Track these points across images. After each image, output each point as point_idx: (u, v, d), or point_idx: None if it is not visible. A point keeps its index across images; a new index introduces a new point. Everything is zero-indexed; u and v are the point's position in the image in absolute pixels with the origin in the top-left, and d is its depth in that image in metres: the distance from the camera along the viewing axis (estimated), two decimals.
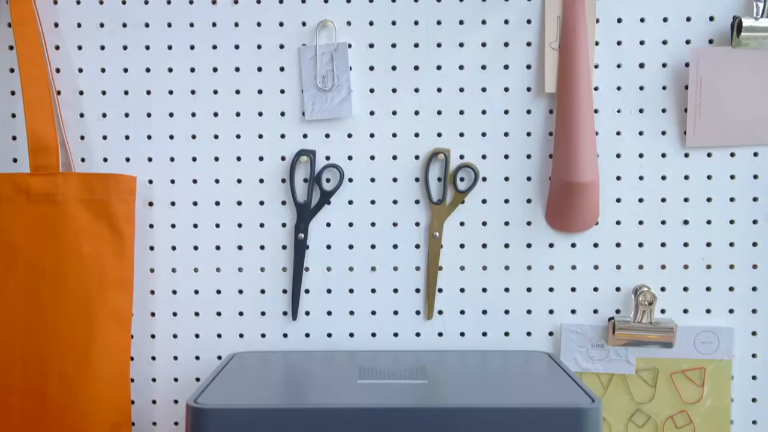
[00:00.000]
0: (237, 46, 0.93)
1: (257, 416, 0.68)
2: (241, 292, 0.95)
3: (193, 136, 0.94)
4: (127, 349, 0.91)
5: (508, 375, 0.81)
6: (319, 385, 0.77)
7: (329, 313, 0.95)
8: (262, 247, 0.95)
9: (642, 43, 0.92)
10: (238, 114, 0.94)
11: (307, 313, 0.95)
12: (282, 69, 0.94)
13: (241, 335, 0.95)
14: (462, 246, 0.95)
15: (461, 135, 0.94)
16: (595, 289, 0.94)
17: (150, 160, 0.94)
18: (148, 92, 0.94)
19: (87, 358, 0.87)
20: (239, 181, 0.95)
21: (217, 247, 0.95)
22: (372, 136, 0.94)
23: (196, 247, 0.95)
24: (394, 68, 0.93)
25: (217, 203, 0.95)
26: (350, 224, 0.95)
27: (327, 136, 0.94)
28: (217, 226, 0.95)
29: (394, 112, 0.94)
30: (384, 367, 0.84)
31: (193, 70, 0.94)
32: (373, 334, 0.95)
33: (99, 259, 0.88)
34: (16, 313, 0.87)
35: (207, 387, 0.75)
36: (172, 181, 0.95)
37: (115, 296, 0.90)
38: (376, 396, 0.72)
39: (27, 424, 0.87)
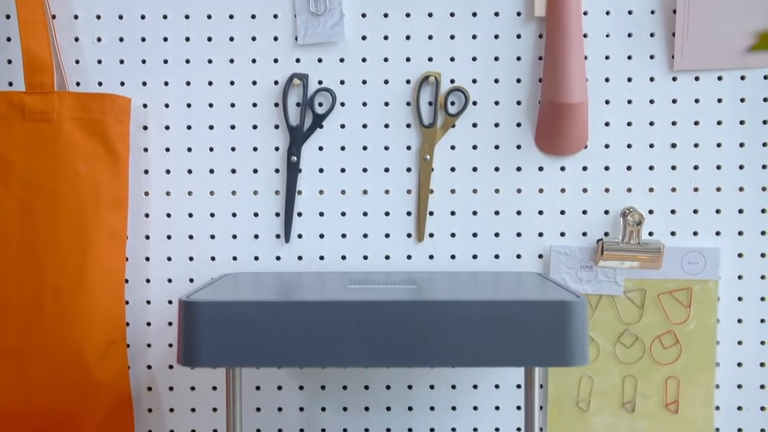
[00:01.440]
0: None
1: (248, 309, 0.69)
2: (234, 215, 0.96)
3: (187, 61, 0.95)
4: (121, 266, 0.93)
5: (498, 284, 0.82)
6: (310, 289, 0.78)
7: (321, 236, 0.96)
8: (255, 171, 0.96)
9: None
10: (231, 39, 0.95)
11: (300, 236, 0.96)
12: None
13: (234, 258, 0.96)
14: (453, 169, 0.96)
15: (452, 59, 0.95)
16: (584, 212, 0.96)
17: (144, 84, 0.95)
18: (143, 17, 0.95)
19: (82, 274, 0.88)
20: (233, 105, 0.96)
21: (211, 171, 0.96)
22: (364, 60, 0.95)
23: (190, 171, 0.96)
24: None
25: (211, 127, 0.96)
26: (342, 148, 0.96)
27: (319, 60, 0.95)
28: (211, 149, 0.96)
29: (386, 37, 0.95)
30: (375, 279, 0.85)
31: None
32: (365, 257, 0.96)
33: (94, 178, 0.89)
34: (12, 229, 0.88)
35: (200, 290, 0.76)
36: (166, 105, 0.96)
37: (110, 215, 0.91)
38: (366, 296, 0.73)
39: (23, 338, 0.88)
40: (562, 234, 0.96)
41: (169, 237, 0.96)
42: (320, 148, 0.96)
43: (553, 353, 0.70)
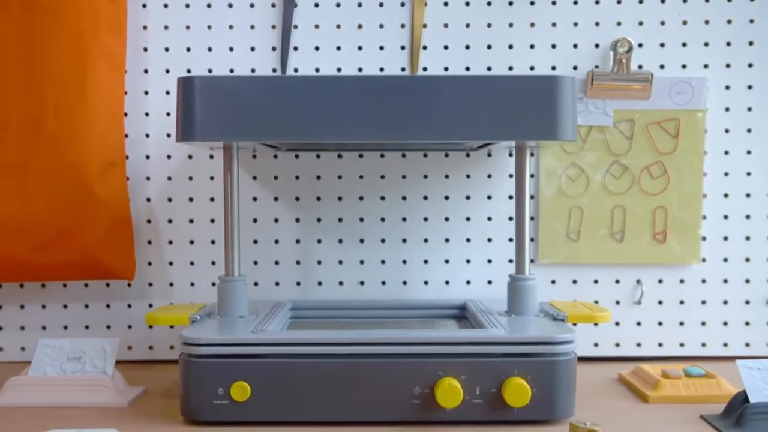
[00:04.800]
0: None
1: (245, 83, 0.71)
2: (231, 49, 0.98)
3: None
4: (120, 90, 0.94)
5: None
6: None
7: (317, 69, 0.98)
8: (251, 5, 0.98)
9: None
10: None
11: (296, 70, 0.98)
12: None
13: None
14: (446, 4, 0.97)
15: None
16: (575, 46, 0.97)
17: None
18: None
19: (82, 93, 0.90)
20: None
21: (208, 6, 0.98)
22: None
23: (187, 6, 0.97)
24: None
25: None
26: None
27: None
28: None
29: None
30: None
31: None
32: None
33: (92, 2, 0.91)
34: (11, 47, 0.90)
35: None
36: None
37: (109, 38, 0.92)
38: None
39: (24, 154, 0.89)
40: (553, 68, 0.98)
41: (167, 71, 0.98)
42: None
43: (543, 127, 0.72)
